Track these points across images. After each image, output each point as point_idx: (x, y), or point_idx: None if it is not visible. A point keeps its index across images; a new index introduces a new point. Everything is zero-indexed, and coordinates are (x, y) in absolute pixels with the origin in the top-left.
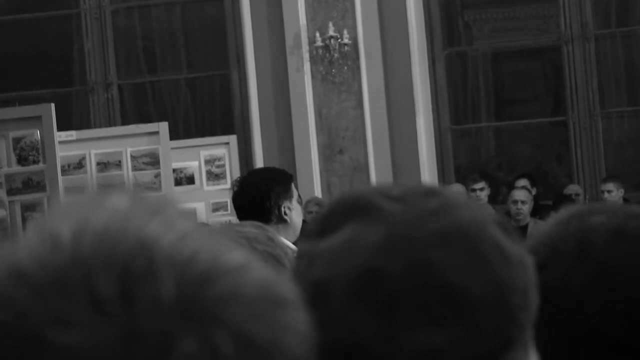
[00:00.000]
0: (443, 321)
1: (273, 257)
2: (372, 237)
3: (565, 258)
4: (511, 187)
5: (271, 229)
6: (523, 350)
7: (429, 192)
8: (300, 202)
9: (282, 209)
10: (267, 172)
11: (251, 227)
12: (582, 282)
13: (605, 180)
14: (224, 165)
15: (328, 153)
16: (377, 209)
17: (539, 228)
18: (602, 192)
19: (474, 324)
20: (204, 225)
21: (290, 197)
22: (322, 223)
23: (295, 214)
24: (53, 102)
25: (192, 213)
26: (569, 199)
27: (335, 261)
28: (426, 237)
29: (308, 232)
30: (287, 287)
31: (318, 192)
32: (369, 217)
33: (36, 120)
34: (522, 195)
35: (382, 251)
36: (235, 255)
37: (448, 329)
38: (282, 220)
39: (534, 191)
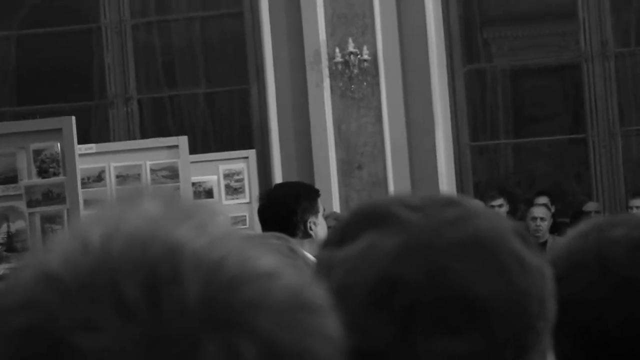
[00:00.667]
0: (461, 330)
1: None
2: (390, 246)
3: (584, 271)
4: (530, 204)
5: (293, 241)
6: (540, 357)
7: (448, 201)
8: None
9: (308, 224)
10: (294, 187)
11: (273, 239)
12: (601, 295)
13: (635, 195)
14: (242, 180)
15: (347, 168)
16: (396, 218)
17: (558, 245)
18: (630, 208)
19: (492, 332)
20: (239, 231)
21: (316, 213)
22: (340, 232)
23: (320, 229)
24: (73, 115)
25: (227, 219)
26: (586, 216)
27: (354, 269)
28: (444, 246)
29: (327, 241)
30: (318, 293)
31: (336, 207)
32: (387, 225)
33: (57, 132)
34: (541, 212)
35: (400, 260)
36: (266, 261)
37: (466, 338)
38: (307, 235)
39: (553, 208)
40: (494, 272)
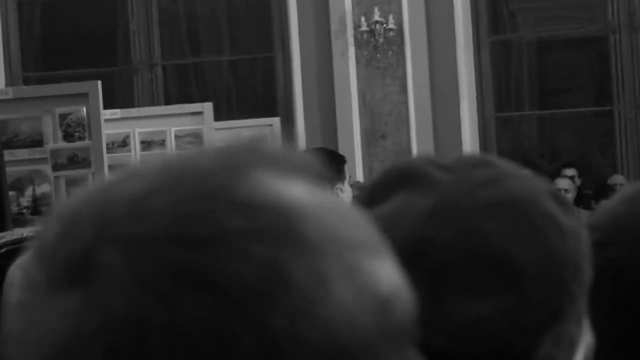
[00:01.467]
0: (492, 291)
1: None
2: (421, 207)
3: (630, 235)
4: (555, 176)
5: None
6: (575, 324)
7: (481, 162)
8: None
9: (335, 190)
10: (322, 153)
11: None
12: None
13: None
14: None
15: (371, 138)
16: (427, 179)
17: (582, 217)
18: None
19: (524, 293)
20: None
21: (342, 179)
22: (371, 192)
23: (346, 195)
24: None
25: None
26: (611, 189)
27: (384, 230)
28: (476, 207)
29: (358, 201)
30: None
31: (360, 177)
32: (419, 186)
33: (83, 97)
34: (565, 183)
35: (431, 220)
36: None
37: (497, 299)
38: None
39: (579, 181)
40: (527, 232)
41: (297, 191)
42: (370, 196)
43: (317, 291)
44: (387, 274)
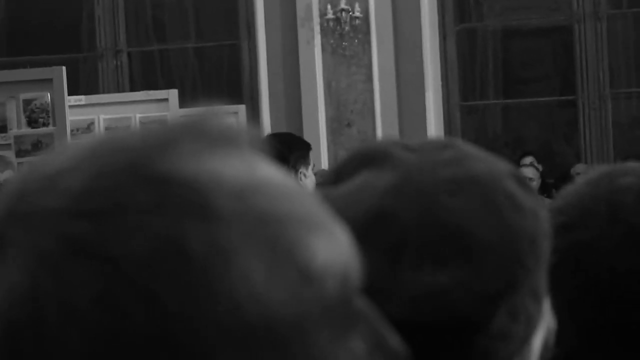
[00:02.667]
0: (448, 262)
1: None
2: (383, 183)
3: (595, 219)
4: (519, 164)
5: None
6: (533, 300)
7: (446, 144)
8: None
9: (299, 175)
10: (287, 136)
11: None
12: (611, 243)
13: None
14: None
15: (336, 126)
16: (391, 158)
17: (546, 205)
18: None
19: (479, 265)
20: None
21: (307, 164)
22: (336, 171)
23: (309, 181)
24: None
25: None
26: (573, 178)
27: (346, 205)
28: (438, 184)
29: (323, 181)
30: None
31: (325, 165)
32: (382, 164)
33: (47, 83)
34: (530, 172)
35: (392, 195)
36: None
37: (452, 270)
38: None
39: (540, 168)
40: (485, 208)
41: (221, 166)
42: (335, 175)
43: (216, 265)
44: (324, 249)
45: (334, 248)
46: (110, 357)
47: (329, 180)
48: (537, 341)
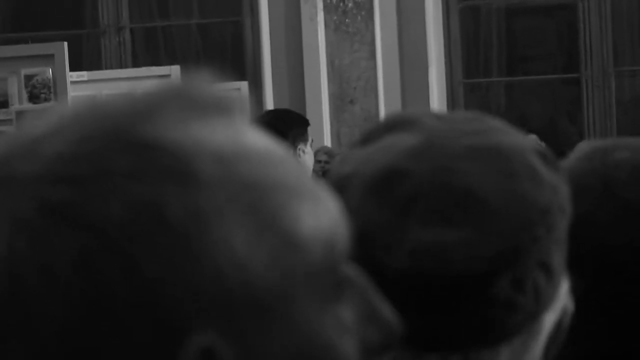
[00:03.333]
0: (455, 223)
1: None
2: (404, 144)
3: (588, 193)
4: None
5: None
6: (543, 272)
7: (477, 117)
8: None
9: (298, 151)
10: (286, 113)
11: None
12: (605, 217)
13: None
14: None
15: (339, 103)
16: (420, 123)
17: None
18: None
19: (485, 228)
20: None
21: (305, 141)
22: (366, 134)
23: (308, 157)
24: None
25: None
26: None
27: (365, 160)
28: (459, 149)
29: (352, 143)
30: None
31: (327, 142)
32: (410, 128)
33: (49, 58)
34: None
35: (410, 155)
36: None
37: (459, 230)
38: None
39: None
40: (500, 175)
41: (206, 133)
42: (363, 138)
43: (196, 230)
44: (309, 216)
45: (320, 215)
46: (91, 322)
47: (358, 142)
48: (549, 320)
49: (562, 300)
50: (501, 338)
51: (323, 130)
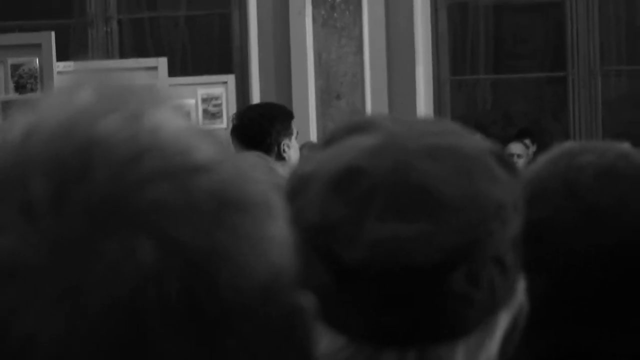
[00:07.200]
0: (412, 218)
1: (274, 185)
2: (365, 144)
3: (552, 196)
4: (508, 140)
5: (271, 160)
6: (498, 269)
7: (436, 121)
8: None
9: (282, 147)
10: (268, 108)
11: (252, 157)
12: (568, 220)
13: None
14: (220, 105)
15: (325, 97)
16: (381, 126)
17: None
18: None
19: (441, 222)
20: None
21: (289, 135)
22: (328, 137)
23: (293, 151)
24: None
25: (177, 105)
26: None
27: (326, 160)
28: (418, 148)
29: (315, 146)
30: (254, 189)
31: (313, 136)
32: (371, 131)
33: (36, 48)
34: (517, 148)
35: (370, 154)
36: (202, 153)
37: (415, 225)
38: (280, 157)
39: (533, 148)
40: (458, 174)
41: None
42: (325, 140)
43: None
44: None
45: None
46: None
47: (320, 144)
48: (505, 316)
49: (518, 299)
50: (457, 334)
51: (309, 124)
